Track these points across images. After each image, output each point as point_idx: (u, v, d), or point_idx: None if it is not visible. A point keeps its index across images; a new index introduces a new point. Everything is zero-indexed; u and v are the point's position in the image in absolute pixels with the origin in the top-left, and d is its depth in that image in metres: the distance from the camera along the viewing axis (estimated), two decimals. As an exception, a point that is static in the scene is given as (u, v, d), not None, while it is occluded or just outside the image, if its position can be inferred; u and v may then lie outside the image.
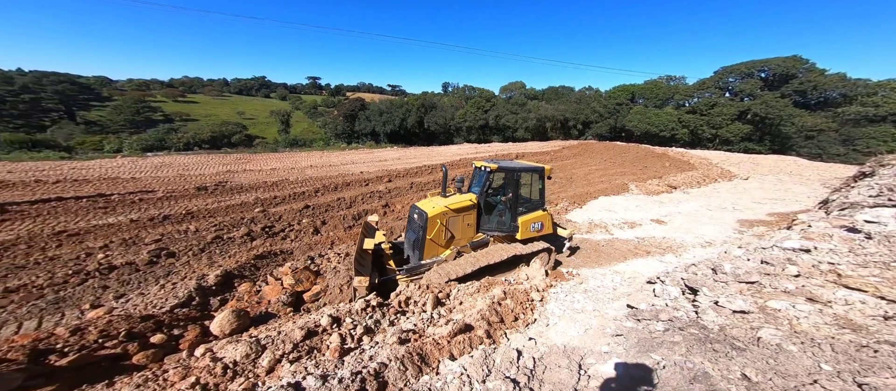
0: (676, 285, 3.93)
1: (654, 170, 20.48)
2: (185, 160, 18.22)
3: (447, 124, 50.61)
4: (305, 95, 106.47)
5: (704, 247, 7.90)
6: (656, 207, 12.27)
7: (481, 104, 51.47)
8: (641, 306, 3.60)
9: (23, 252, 6.15)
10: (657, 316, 3.19)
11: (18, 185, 10.64)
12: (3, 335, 3.73)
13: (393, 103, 54.49)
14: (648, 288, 4.21)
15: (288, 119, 58.83)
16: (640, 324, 3.08)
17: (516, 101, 55.04)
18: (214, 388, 2.29)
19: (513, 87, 66.27)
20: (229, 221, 8.54)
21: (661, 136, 41.72)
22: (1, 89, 51.41)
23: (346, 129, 51.52)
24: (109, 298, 4.75)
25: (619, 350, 2.68)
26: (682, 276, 4.13)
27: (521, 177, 6.43)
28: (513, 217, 6.25)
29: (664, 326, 2.92)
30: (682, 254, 7.41)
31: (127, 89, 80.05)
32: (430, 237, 5.50)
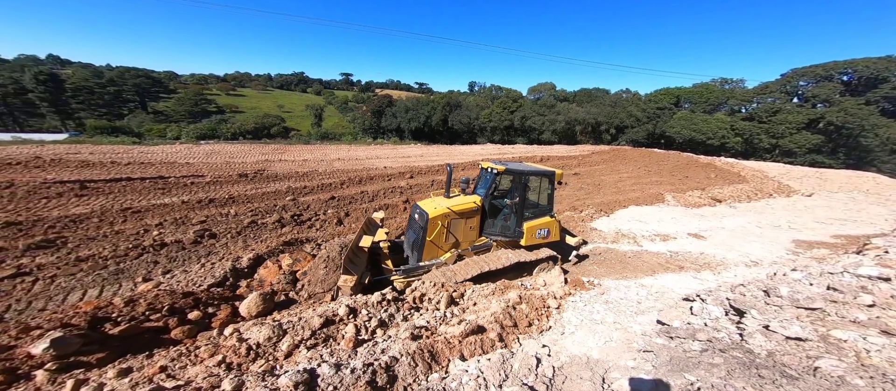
0: (719, 305, 3.62)
1: (696, 180, 18.83)
2: (231, 148, 19.88)
3: (471, 124, 50.26)
4: (338, 91, 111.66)
5: (750, 266, 7.16)
6: (695, 221, 11.28)
7: (508, 104, 50.44)
8: (674, 323, 3.38)
9: (95, 225, 7.08)
10: (694, 335, 2.97)
11: (97, 165, 12.24)
12: (71, 300, 4.34)
13: (419, 101, 55.25)
14: (684, 305, 3.94)
15: (321, 113, 62.17)
16: (673, 342, 2.89)
17: (544, 102, 53.15)
18: (238, 368, 2.48)
19: (542, 88, 64.17)
20: (264, 207, 9.20)
21: (708, 145, 38.08)
22: (92, 82, 59.91)
23: (373, 124, 53.12)
24: (158, 273, 5.33)
25: (647, 367, 2.54)
26: (728, 296, 3.81)
27: (529, 180, 6.15)
28: (518, 222, 6.00)
29: (701, 346, 2.71)
30: (721, 271, 6.77)
31: (189, 83, 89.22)
32: (430, 239, 5.37)
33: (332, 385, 2.20)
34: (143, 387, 2.10)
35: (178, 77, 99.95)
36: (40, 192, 8.56)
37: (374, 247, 5.70)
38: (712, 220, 11.36)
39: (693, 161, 25.31)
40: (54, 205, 7.99)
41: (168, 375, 2.35)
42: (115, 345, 2.57)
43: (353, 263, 4.90)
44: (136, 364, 2.45)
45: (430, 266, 5.40)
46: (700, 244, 8.82)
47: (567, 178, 17.55)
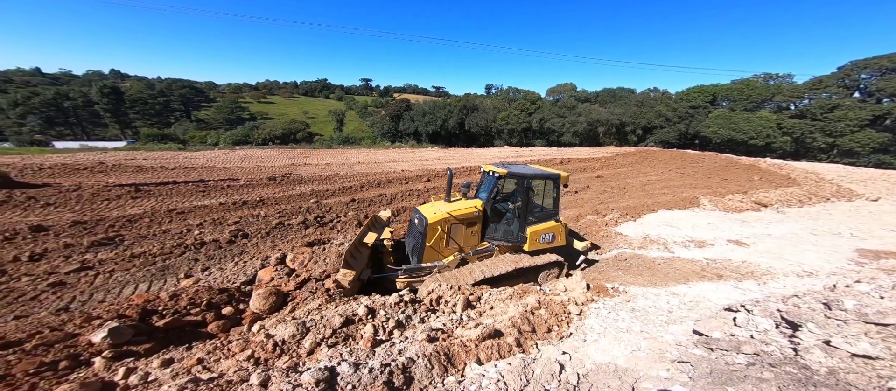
0: (769, 316, 3.35)
1: (736, 183, 17.39)
2: (262, 153, 21.22)
3: (488, 126, 49.88)
4: (358, 96, 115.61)
5: (802, 277, 6.51)
6: (736, 226, 10.42)
7: (525, 106, 49.60)
8: (714, 334, 3.17)
9: (146, 224, 7.84)
10: (738, 347, 2.76)
11: (149, 170, 13.56)
12: (125, 293, 4.83)
13: (436, 104, 55.83)
14: (726, 315, 3.66)
15: (342, 118, 64.72)
16: (714, 354, 2.71)
17: (564, 103, 51.57)
18: (264, 363, 2.63)
19: (561, 89, 62.37)
20: (290, 209, 9.70)
21: (750, 145, 35.00)
22: (145, 94, 66.80)
23: (391, 128, 54.30)
24: (198, 270, 5.79)
25: (682, 378, 2.40)
26: (779, 307, 3.51)
27: (533, 184, 5.94)
28: (521, 226, 5.81)
29: (748, 360, 2.52)
30: (767, 281, 6.22)
31: (226, 92, 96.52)
32: (429, 244, 5.30)
33: (351, 384, 2.27)
34: (182, 378, 2.29)
35: (217, 86, 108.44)
36: (102, 194, 9.62)
37: (378, 245, 5.70)
38: (756, 226, 10.44)
39: (733, 162, 23.41)
40: (114, 206, 8.94)
41: (204, 367, 2.56)
42: (160, 336, 2.84)
43: (354, 258, 4.85)
44: (177, 355, 2.69)
45: (432, 268, 5.35)
46: (742, 251, 8.14)
47: (590, 181, 16.91)
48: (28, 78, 73.34)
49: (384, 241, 5.82)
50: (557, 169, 6.28)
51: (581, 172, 19.44)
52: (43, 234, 6.64)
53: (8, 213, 7.62)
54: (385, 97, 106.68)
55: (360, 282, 4.70)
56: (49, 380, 2.36)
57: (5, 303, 4.35)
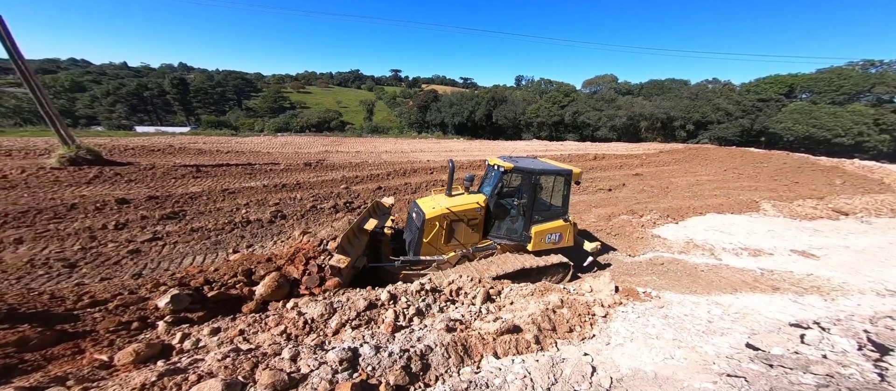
0: (851, 337, 3.00)
1: (810, 187, 15.13)
2: (300, 140, 22.61)
3: (516, 119, 48.12)
4: (388, 87, 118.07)
5: (883, 295, 5.64)
6: (804, 236, 9.13)
7: (558, 99, 46.90)
8: (774, 350, 2.91)
9: (203, 202, 8.82)
10: (806, 367, 2.50)
11: (208, 153, 15.14)
12: (184, 264, 5.53)
13: (463, 95, 55.20)
14: (791, 331, 3.35)
15: (372, 108, 66.76)
16: (774, 371, 2.48)
17: (602, 96, 47.80)
18: (295, 338, 2.89)
19: (600, 81, 57.73)
20: (323, 194, 10.32)
21: (834, 144, 29.98)
22: (206, 85, 74.44)
23: (418, 118, 54.79)
24: (243, 247, 6.44)
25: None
26: (866, 328, 3.12)
27: (541, 180, 5.51)
28: (526, 225, 5.44)
29: (818, 381, 2.29)
30: (837, 298, 5.47)
31: (270, 83, 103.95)
32: (426, 240, 5.08)
33: (372, 365, 2.41)
34: (226, 347, 2.60)
35: (264, 77, 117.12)
36: (171, 173, 10.96)
37: (377, 233, 5.50)
38: (831, 237, 9.07)
39: (808, 163, 20.29)
40: (179, 184, 10.17)
41: (244, 338, 2.87)
42: (210, 306, 3.23)
43: (351, 244, 4.68)
44: (223, 325, 3.05)
45: (431, 262, 5.19)
46: (808, 263, 7.18)
47: (626, 179, 15.72)
48: (117, 71, 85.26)
49: (385, 230, 5.65)
50: (571, 165, 5.84)
51: (616, 169, 18.12)
52: (125, 206, 7.78)
53: (100, 187, 9.03)
54: (413, 88, 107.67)
55: (354, 270, 4.56)
56: (123, 338, 2.81)
57: (95, 265, 5.22)
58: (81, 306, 3.21)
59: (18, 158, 10.45)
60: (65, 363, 2.45)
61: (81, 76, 74.28)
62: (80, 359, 2.50)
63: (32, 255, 5.19)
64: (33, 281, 4.54)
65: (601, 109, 42.92)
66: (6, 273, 4.63)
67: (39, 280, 4.58)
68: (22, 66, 9.24)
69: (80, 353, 2.58)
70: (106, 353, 2.55)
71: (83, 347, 2.64)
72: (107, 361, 2.44)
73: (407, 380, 2.38)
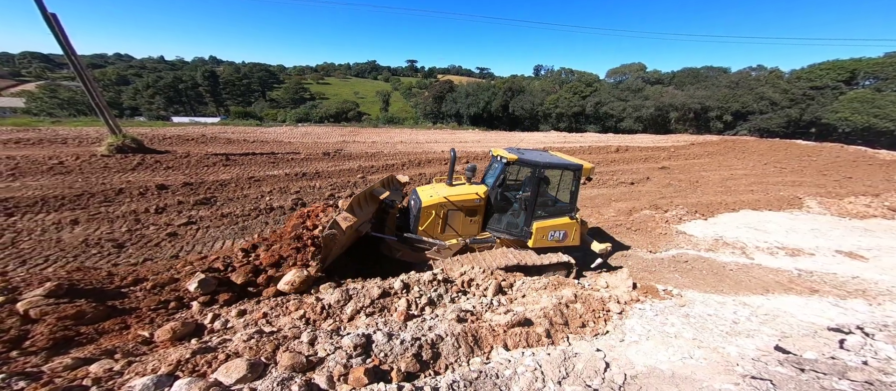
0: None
1: (866, 183, 13.71)
2: (319, 130, 23.22)
3: (534, 110, 46.49)
4: (404, 78, 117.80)
5: None
6: (853, 236, 8.36)
7: (579, 89, 44.67)
8: (807, 354, 2.78)
9: (232, 188, 9.36)
10: (843, 372, 2.38)
11: (235, 142, 15.95)
12: (215, 247, 5.94)
13: (479, 86, 54.09)
14: (829, 336, 3.20)
15: (388, 99, 67.12)
16: (805, 376, 2.38)
17: (628, 85, 44.88)
18: (313, 323, 3.05)
19: (626, 70, 53.84)
20: (340, 183, 10.64)
21: None
22: (233, 77, 77.85)
23: (433, 109, 54.46)
24: (268, 232, 6.79)
25: None
26: None
27: (545, 174, 5.21)
28: (527, 220, 5.19)
29: (855, 388, 2.19)
30: (883, 302, 5.04)
31: (292, 74, 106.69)
32: (421, 228, 5.01)
33: (384, 352, 2.51)
34: (251, 328, 2.81)
35: (286, 69, 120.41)
36: (203, 161, 11.68)
37: (387, 204, 5.48)
38: (884, 238, 8.27)
39: (865, 157, 18.32)
40: (211, 171, 10.83)
41: (267, 321, 3.08)
42: (236, 289, 3.47)
43: (360, 207, 4.68)
44: (249, 307, 3.28)
45: (432, 245, 5.12)
46: (855, 265, 6.62)
47: (651, 173, 14.92)
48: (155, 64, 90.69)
49: (396, 203, 5.59)
50: (584, 160, 5.50)
51: (640, 162, 17.21)
52: (164, 192, 8.42)
53: (142, 173, 9.80)
54: (429, 78, 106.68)
55: (357, 233, 4.47)
56: (162, 316, 3.10)
57: (139, 246, 5.73)
58: (127, 284, 3.56)
59: (73, 146, 11.51)
60: (114, 337, 2.74)
61: (126, 70, 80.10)
62: (126, 334, 2.79)
63: (87, 236, 5.77)
64: (88, 259, 5.07)
65: (626, 100, 40.59)
66: (65, 251, 5.20)
67: (93, 258, 5.11)
68: (75, 62, 10.03)
69: (126, 329, 2.88)
70: (147, 330, 2.83)
71: (129, 323, 2.95)
72: (148, 337, 2.71)
73: (418, 368, 2.46)
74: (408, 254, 5.13)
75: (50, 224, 6.00)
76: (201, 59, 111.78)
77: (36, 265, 4.70)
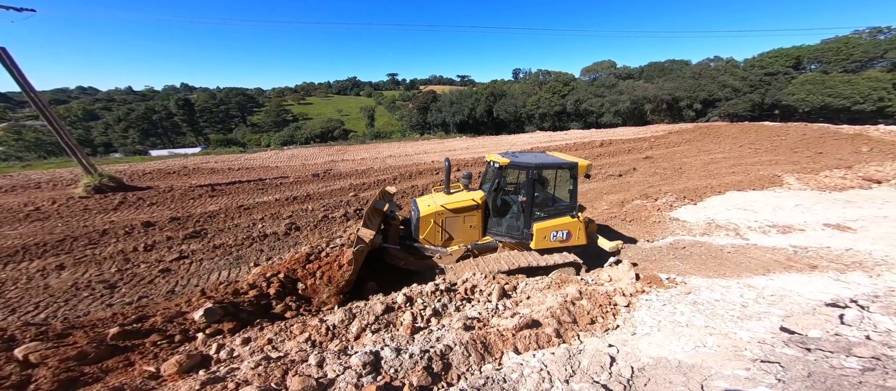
0: (892, 314, 2.86)
1: (836, 157, 14.45)
2: (305, 152, 23.01)
3: (518, 112, 47.78)
4: (386, 91, 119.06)
5: None
6: (836, 208, 8.73)
7: (557, 88, 46.30)
8: (812, 333, 2.80)
9: (221, 219, 9.13)
10: (849, 349, 2.40)
11: (220, 172, 15.62)
12: (212, 279, 5.76)
13: (462, 94, 55.32)
14: (829, 312, 3.22)
15: (372, 114, 67.56)
16: (812, 356, 2.39)
17: (603, 82, 46.92)
18: (319, 345, 2.99)
19: (599, 68, 56.16)
20: (332, 203, 10.51)
21: (854, 112, 29.11)
22: (210, 103, 76.59)
23: (419, 120, 55.14)
24: (263, 259, 6.64)
25: (768, 379, 2.17)
26: None
27: (540, 175, 5.29)
28: (527, 222, 5.22)
29: (863, 365, 2.20)
30: (882, 273, 5.18)
31: (271, 97, 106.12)
32: (422, 236, 5.10)
33: (394, 368, 2.47)
34: (257, 355, 2.73)
35: (264, 92, 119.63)
36: (188, 194, 11.37)
37: (388, 216, 5.62)
38: (866, 207, 8.65)
39: (830, 133, 19.39)
40: (197, 203, 10.54)
41: (273, 347, 3.00)
42: (242, 317, 3.38)
43: (371, 221, 4.88)
44: (253, 334, 3.20)
45: (435, 252, 5.19)
46: (845, 237, 6.83)
47: (636, 163, 15.36)
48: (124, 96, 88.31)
49: (396, 214, 5.75)
50: (576, 157, 5.64)
51: (625, 154, 17.72)
52: (151, 229, 8.14)
53: (125, 212, 9.47)
54: (411, 90, 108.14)
55: (372, 245, 4.62)
56: (166, 350, 2.98)
57: (132, 285, 5.51)
58: (128, 322, 3.43)
59: (48, 190, 11.05)
60: (119, 374, 2.64)
61: (92, 104, 77.53)
62: (132, 370, 2.69)
63: (75, 279, 5.53)
64: (80, 302, 4.85)
65: (603, 96, 42.19)
66: (55, 296, 4.97)
67: (85, 301, 4.90)
68: (36, 99, 9.40)
69: (130, 365, 2.78)
70: (153, 365, 2.73)
71: (132, 360, 2.83)
72: (154, 372, 2.61)
73: (429, 381, 2.42)
74: (412, 262, 5.14)
75: (35, 271, 5.74)
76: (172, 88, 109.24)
77: (26, 312, 4.51)
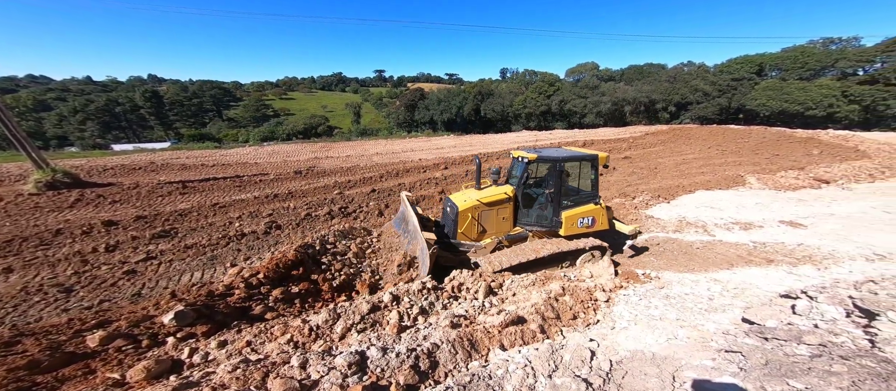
0: (838, 304, 3.11)
1: (790, 159, 15.66)
2: (287, 148, 22.20)
3: (505, 111, 48.67)
4: (373, 88, 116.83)
5: (873, 260, 5.87)
6: (790, 206, 9.47)
7: (543, 89, 47.59)
8: (769, 323, 3.01)
9: (194, 218, 8.63)
10: (799, 337, 2.60)
11: (192, 168, 14.75)
12: (183, 281, 5.43)
13: (450, 92, 55.46)
14: (783, 303, 3.45)
15: (359, 110, 66.12)
16: (769, 344, 2.56)
17: (586, 83, 48.93)
18: (302, 346, 2.89)
19: (582, 69, 58.32)
20: (316, 201, 10.21)
21: (807, 116, 31.80)
22: (181, 96, 71.85)
23: (406, 118, 54.76)
24: (241, 259, 6.34)
25: (731, 368, 2.30)
26: (851, 294, 3.26)
27: (566, 166, 5.78)
28: (555, 211, 5.69)
29: (812, 352, 2.38)
30: (829, 266, 5.66)
31: (250, 91, 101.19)
32: (461, 231, 5.47)
33: (380, 367, 2.43)
34: (235, 359, 2.59)
35: (242, 86, 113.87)
36: (156, 191, 10.66)
37: (424, 219, 6.03)
38: (815, 205, 9.43)
39: (786, 136, 21.01)
40: (167, 201, 9.90)
41: (252, 349, 2.87)
42: (218, 319, 3.20)
43: (425, 226, 5.34)
44: (230, 337, 3.04)
45: (470, 247, 5.55)
46: (797, 233, 7.42)
47: (616, 162, 15.98)
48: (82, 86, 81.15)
49: (430, 217, 6.26)
50: (596, 150, 6.12)
51: (605, 153, 18.41)
52: (114, 228, 7.55)
53: (83, 210, 8.73)
54: (399, 87, 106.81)
55: None
56: (131, 357, 2.78)
57: (91, 288, 5.08)
58: (87, 328, 3.16)
59: (-7, 187, 10.01)
60: (78, 383, 2.43)
61: (43, 94, 70.74)
62: (93, 378, 2.48)
63: (25, 284, 5.04)
64: (30, 308, 4.43)
65: (586, 97, 43.78)
66: (2, 302, 4.50)
67: (37, 306, 4.47)
68: None
69: (91, 373, 2.56)
70: (117, 371, 2.53)
71: (93, 367, 2.62)
72: (119, 379, 2.43)
73: (417, 380, 2.41)
74: (451, 259, 5.44)
75: (-25, 276, 5.18)
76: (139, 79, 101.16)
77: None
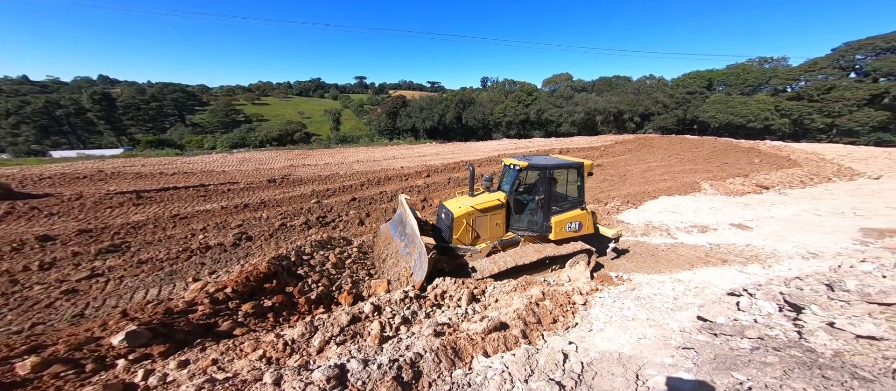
0: (772, 300, 3.41)
1: (737, 167, 17.39)
2: (260, 156, 21.14)
3: (485, 119, 50.14)
4: (353, 94, 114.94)
5: (807, 258, 6.59)
6: (738, 210, 10.47)
7: (522, 98, 49.74)
8: (718, 319, 3.23)
9: (151, 230, 7.89)
10: (742, 332, 2.81)
11: (149, 177, 13.55)
12: (136, 298, 4.90)
13: (432, 100, 56.07)
14: (729, 300, 3.72)
15: (338, 117, 64.49)
16: (718, 340, 2.75)
17: (561, 93, 51.83)
18: (276, 362, 2.70)
19: (558, 80, 61.78)
20: (292, 211, 9.74)
21: (748, 128, 35.64)
22: (138, 99, 66.07)
23: (388, 125, 54.41)
24: (205, 273, 5.85)
25: (687, 364, 2.44)
26: (782, 290, 3.58)
27: (554, 174, 6.12)
28: (545, 216, 5.96)
29: (752, 344, 2.57)
30: (772, 265, 6.29)
31: (219, 95, 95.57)
32: (456, 236, 5.60)
33: (361, 380, 2.33)
34: (199, 378, 2.36)
35: (210, 90, 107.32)
36: (105, 202, 9.65)
37: (422, 224, 6.08)
38: (759, 209, 10.49)
39: (732, 146, 23.37)
40: (117, 213, 8.98)
41: (219, 368, 2.62)
42: (178, 337, 2.90)
43: (423, 231, 5.37)
44: (192, 356, 2.76)
45: (466, 251, 5.66)
46: (745, 235, 8.19)
47: (590, 170, 16.87)
48: (16, 86, 72.14)
49: (427, 222, 6.30)
50: (581, 158, 6.43)
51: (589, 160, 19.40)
52: (50, 244, 6.69)
53: (13, 224, 7.67)
54: (380, 94, 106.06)
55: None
56: (73, 383, 2.43)
57: (22, 310, 4.42)
58: (16, 354, 2.73)
59: None
60: None
61: None
62: None
63: (-69, 310, 4.27)
64: None
65: (561, 106, 46.21)
66: None
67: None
68: None
69: None
70: None
71: None
72: None
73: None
74: (449, 262, 5.49)
75: None
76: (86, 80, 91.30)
77: None
